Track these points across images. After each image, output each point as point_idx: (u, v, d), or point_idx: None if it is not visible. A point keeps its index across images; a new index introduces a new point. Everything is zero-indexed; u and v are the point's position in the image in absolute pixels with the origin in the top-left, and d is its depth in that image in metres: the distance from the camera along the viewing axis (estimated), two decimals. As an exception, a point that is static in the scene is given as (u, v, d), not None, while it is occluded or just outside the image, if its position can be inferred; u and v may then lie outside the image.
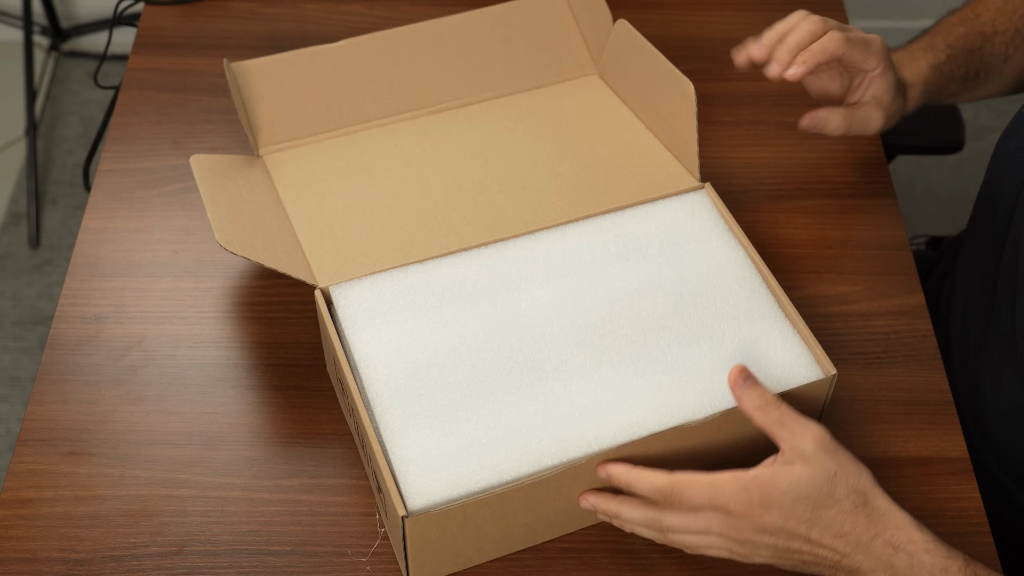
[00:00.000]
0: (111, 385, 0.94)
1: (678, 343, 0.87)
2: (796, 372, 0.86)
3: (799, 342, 0.88)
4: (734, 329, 0.88)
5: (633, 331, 0.88)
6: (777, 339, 0.88)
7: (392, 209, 0.97)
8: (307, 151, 1.03)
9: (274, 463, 0.90)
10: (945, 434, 0.93)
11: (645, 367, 0.86)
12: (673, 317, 0.89)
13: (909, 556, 0.75)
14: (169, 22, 1.23)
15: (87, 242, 1.03)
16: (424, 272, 0.92)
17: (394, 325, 0.88)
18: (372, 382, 0.85)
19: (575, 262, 0.93)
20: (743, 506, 0.75)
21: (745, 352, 0.87)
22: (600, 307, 0.90)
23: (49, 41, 2.30)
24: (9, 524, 0.86)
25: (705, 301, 0.90)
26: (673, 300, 0.90)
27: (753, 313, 0.89)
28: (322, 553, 0.86)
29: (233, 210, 0.92)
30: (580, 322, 0.89)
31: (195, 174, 0.94)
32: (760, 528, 0.76)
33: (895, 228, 1.07)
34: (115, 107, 1.15)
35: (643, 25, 1.08)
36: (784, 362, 0.87)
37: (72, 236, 2.02)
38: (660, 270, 0.92)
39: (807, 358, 0.87)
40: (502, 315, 0.89)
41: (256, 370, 0.95)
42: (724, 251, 0.93)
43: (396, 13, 1.24)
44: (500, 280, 0.91)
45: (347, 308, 0.89)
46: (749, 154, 1.12)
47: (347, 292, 0.90)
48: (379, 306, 0.89)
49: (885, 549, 0.75)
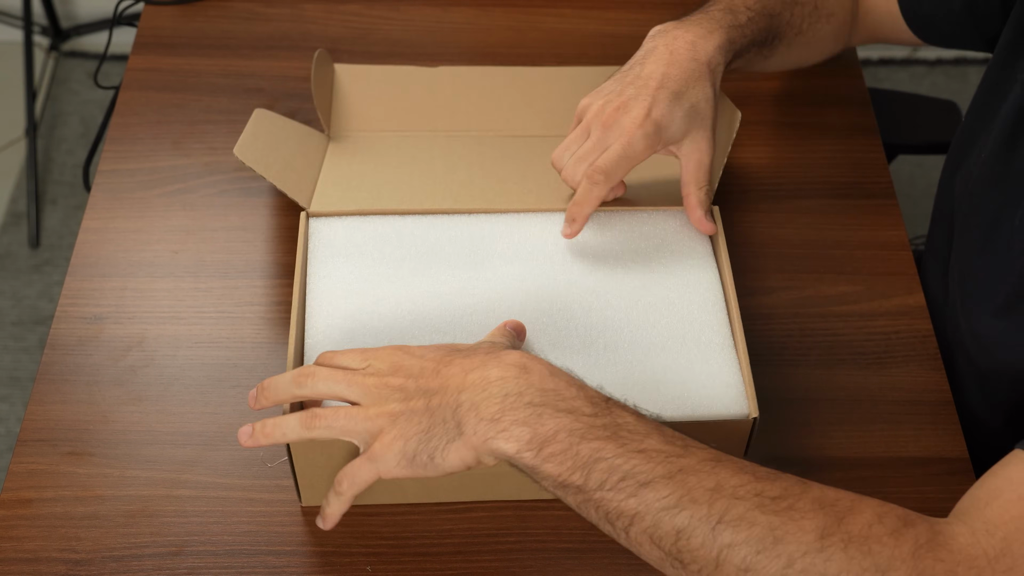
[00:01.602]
0: (111, 385, 0.94)
1: (614, 347, 0.87)
2: (720, 405, 0.84)
3: (736, 376, 0.86)
4: (676, 346, 0.88)
5: (576, 326, 0.89)
6: (714, 368, 0.87)
7: (414, 181, 1.02)
8: (369, 135, 1.09)
9: (274, 463, 0.90)
10: (945, 434, 0.93)
11: (573, 360, 0.86)
12: (621, 322, 0.89)
13: (540, 372, 0.73)
14: (169, 22, 1.23)
15: (87, 242, 1.03)
16: (400, 224, 0.95)
17: (351, 267, 0.91)
18: (311, 313, 0.88)
19: (547, 250, 0.94)
20: (388, 358, 0.76)
21: (676, 372, 0.86)
22: (553, 297, 0.90)
23: (49, 41, 2.30)
24: (9, 524, 0.86)
25: (657, 315, 0.90)
26: (627, 305, 0.90)
27: (701, 337, 0.88)
28: (322, 553, 0.86)
29: (267, 143, 0.99)
30: (528, 306, 0.89)
31: (252, 119, 1.00)
32: (396, 366, 0.76)
33: (895, 228, 1.07)
34: (115, 107, 1.15)
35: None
36: (712, 392, 0.85)
37: (72, 236, 2.02)
38: (626, 275, 0.92)
39: (738, 392, 0.85)
40: (457, 283, 0.91)
41: (256, 370, 0.95)
42: (698, 271, 0.93)
43: (396, 13, 1.24)
44: (468, 250, 0.93)
45: (316, 241, 0.93)
46: (749, 154, 1.12)
47: (321, 226, 0.94)
48: (346, 246, 0.93)
49: (515, 367, 0.73)
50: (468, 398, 0.72)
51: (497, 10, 1.25)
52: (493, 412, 0.71)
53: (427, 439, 0.73)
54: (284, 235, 1.04)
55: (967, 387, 0.99)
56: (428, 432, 0.73)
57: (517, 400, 0.71)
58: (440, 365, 0.75)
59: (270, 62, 1.19)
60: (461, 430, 0.72)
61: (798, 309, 1.01)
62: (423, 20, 1.23)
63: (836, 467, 0.91)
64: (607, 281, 0.92)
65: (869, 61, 2.35)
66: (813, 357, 0.98)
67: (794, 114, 1.05)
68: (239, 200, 1.07)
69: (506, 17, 1.24)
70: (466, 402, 0.72)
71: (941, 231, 1.05)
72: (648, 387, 0.85)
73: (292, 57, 1.19)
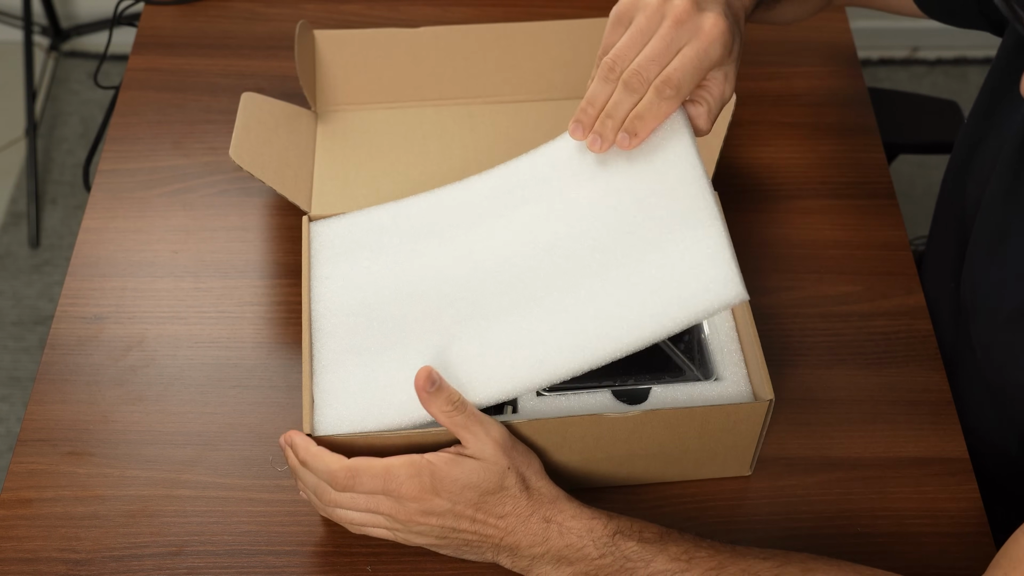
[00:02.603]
0: (111, 385, 0.94)
1: (606, 266, 0.84)
2: (713, 288, 0.80)
3: (727, 255, 0.81)
4: (667, 241, 0.83)
5: (568, 258, 0.86)
6: (705, 255, 0.81)
7: (410, 167, 1.02)
8: (357, 114, 1.08)
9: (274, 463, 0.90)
10: (945, 434, 0.93)
11: (568, 301, 0.84)
12: (608, 239, 0.85)
13: (559, 525, 0.79)
14: (169, 22, 1.23)
15: (87, 242, 1.03)
16: (396, 209, 0.95)
17: (353, 263, 0.92)
18: (317, 316, 0.89)
19: (541, 187, 0.91)
20: (414, 490, 0.78)
21: (670, 269, 0.82)
22: (546, 235, 0.88)
23: (49, 41, 2.30)
24: (9, 524, 0.86)
25: (642, 217, 0.85)
26: (616, 218, 0.86)
27: (686, 225, 0.83)
28: (322, 553, 0.86)
29: (260, 137, 0.99)
30: (522, 255, 0.88)
31: (240, 106, 0.99)
32: (427, 511, 0.79)
33: (895, 228, 1.07)
34: (115, 107, 1.15)
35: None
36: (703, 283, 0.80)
37: (72, 236, 2.02)
38: (619, 185, 0.87)
39: (729, 268, 0.80)
40: (454, 252, 0.90)
41: (256, 370, 0.95)
42: (680, 165, 0.86)
43: (396, 13, 1.24)
44: (463, 216, 0.93)
45: (318, 244, 0.94)
46: (749, 154, 1.12)
47: (322, 228, 0.95)
48: (346, 244, 0.93)
49: (540, 524, 0.79)
50: (506, 560, 0.81)
51: (497, 10, 1.25)
52: (524, 566, 0.81)
53: (459, 552, 0.82)
54: (284, 235, 1.04)
55: (976, 401, 0.97)
56: (459, 549, 0.82)
57: (540, 560, 0.80)
58: (476, 514, 0.79)
59: (270, 62, 1.19)
60: (497, 560, 0.82)
61: (798, 309, 1.01)
62: (423, 20, 1.23)
63: (836, 467, 0.91)
64: (601, 199, 0.88)
65: (869, 61, 2.35)
66: (813, 357, 0.98)
67: (794, 114, 1.05)
68: (239, 200, 1.07)
69: (506, 17, 1.24)
70: (504, 559, 0.81)
71: (947, 237, 1.03)
72: (647, 294, 0.82)
73: (292, 57, 1.19)
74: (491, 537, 0.79)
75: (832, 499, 0.90)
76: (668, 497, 0.89)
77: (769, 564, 0.77)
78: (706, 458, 0.87)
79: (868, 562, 0.79)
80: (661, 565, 0.77)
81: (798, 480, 0.91)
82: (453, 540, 0.80)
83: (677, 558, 0.78)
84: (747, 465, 0.89)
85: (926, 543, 0.87)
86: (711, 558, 0.77)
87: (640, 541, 0.78)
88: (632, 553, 0.78)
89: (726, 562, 0.77)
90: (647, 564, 0.77)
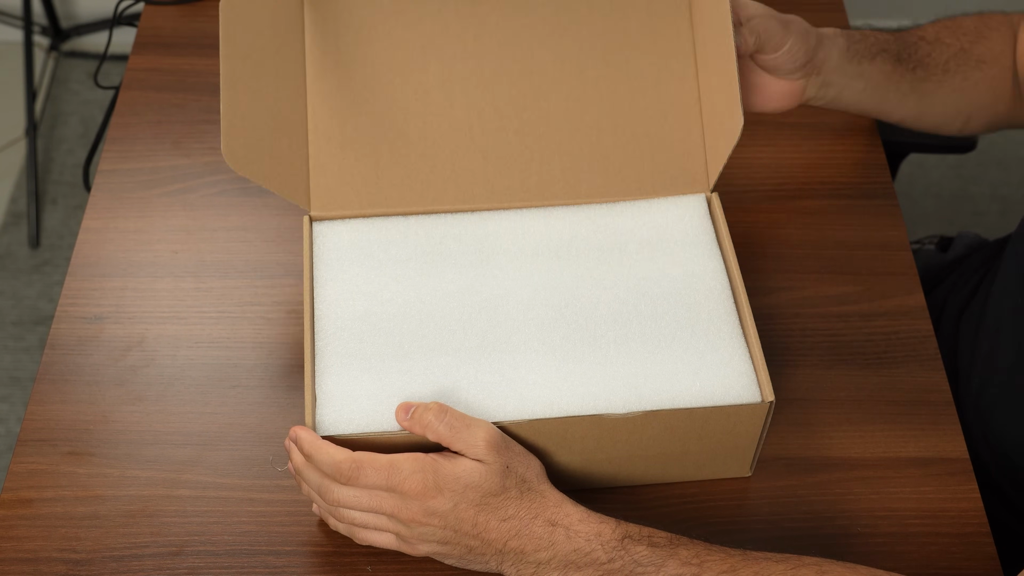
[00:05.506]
0: (111, 385, 0.94)
1: (625, 340, 0.88)
2: (733, 393, 0.85)
3: (747, 364, 0.86)
4: (687, 335, 0.88)
5: (585, 320, 0.89)
6: (725, 356, 0.87)
7: (410, 145, 0.96)
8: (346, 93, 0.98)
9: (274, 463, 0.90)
10: (945, 434, 0.93)
11: (583, 354, 0.86)
12: (630, 314, 0.89)
13: (565, 529, 0.78)
14: (169, 22, 1.23)
15: (87, 242, 1.03)
16: (404, 226, 0.94)
17: (359, 270, 0.91)
18: (321, 318, 0.88)
19: (553, 245, 0.94)
20: (418, 486, 0.77)
21: (687, 363, 0.86)
22: (562, 293, 0.90)
23: (49, 41, 2.30)
24: (9, 524, 0.86)
25: (666, 305, 0.90)
26: (635, 298, 0.90)
27: (710, 326, 0.88)
28: (322, 553, 0.86)
29: (248, 115, 0.92)
30: (537, 302, 0.90)
31: (221, 31, 0.89)
32: (430, 511, 0.78)
33: (895, 228, 1.07)
34: (115, 107, 1.15)
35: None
36: (725, 381, 0.85)
37: (72, 236, 2.02)
38: (632, 267, 0.92)
39: (750, 380, 0.85)
40: (465, 282, 0.91)
41: (256, 370, 0.95)
42: (703, 259, 0.93)
43: (396, 13, 1.24)
44: (474, 248, 0.93)
45: (322, 246, 0.93)
46: (749, 154, 1.12)
47: (326, 230, 0.94)
48: (352, 250, 0.93)
49: (545, 528, 0.78)
50: (511, 567, 0.80)
51: (497, 10, 1.24)
52: (529, 573, 0.79)
53: (464, 561, 0.81)
54: (284, 235, 1.04)
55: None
56: (463, 557, 0.81)
57: (547, 566, 0.79)
58: (478, 516, 0.78)
59: (270, 62, 1.19)
60: (501, 570, 0.81)
61: (798, 309, 1.01)
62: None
63: (836, 467, 0.91)
64: (613, 274, 0.92)
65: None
66: (813, 357, 0.98)
67: (794, 114, 1.05)
68: (239, 200, 1.07)
69: None
70: (508, 567, 0.80)
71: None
72: (660, 379, 0.85)
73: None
74: (495, 542, 0.79)
75: (832, 499, 0.90)
76: (668, 498, 0.89)
77: (783, 567, 0.76)
78: (706, 459, 0.87)
79: (868, 562, 0.79)
80: (673, 569, 0.77)
81: (798, 480, 0.91)
82: (457, 546, 0.79)
83: (688, 562, 0.77)
84: (747, 466, 0.89)
85: (926, 543, 0.87)
86: (723, 561, 0.77)
87: (650, 545, 0.78)
88: (642, 557, 0.77)
89: (738, 565, 0.76)
90: (658, 568, 0.77)
